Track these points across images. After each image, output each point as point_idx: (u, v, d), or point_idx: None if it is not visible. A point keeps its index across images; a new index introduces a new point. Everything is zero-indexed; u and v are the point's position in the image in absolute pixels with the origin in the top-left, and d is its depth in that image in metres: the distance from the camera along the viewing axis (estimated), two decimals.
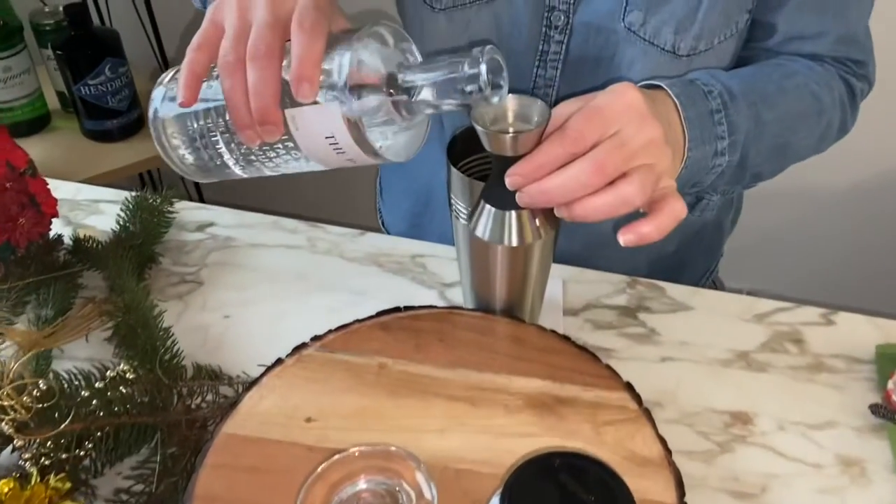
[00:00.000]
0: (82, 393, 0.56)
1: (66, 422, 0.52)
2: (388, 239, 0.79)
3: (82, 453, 0.53)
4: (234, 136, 0.49)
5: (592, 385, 0.57)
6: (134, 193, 0.78)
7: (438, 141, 0.80)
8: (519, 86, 0.72)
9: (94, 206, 0.83)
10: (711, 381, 0.63)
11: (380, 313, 0.63)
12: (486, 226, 0.54)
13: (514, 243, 0.54)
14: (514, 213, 0.52)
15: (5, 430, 0.51)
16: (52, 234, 0.73)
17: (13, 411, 0.52)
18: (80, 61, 1.17)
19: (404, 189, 0.90)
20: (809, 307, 0.69)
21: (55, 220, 0.72)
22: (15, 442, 0.51)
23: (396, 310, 0.63)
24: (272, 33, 0.44)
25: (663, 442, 0.52)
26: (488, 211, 0.53)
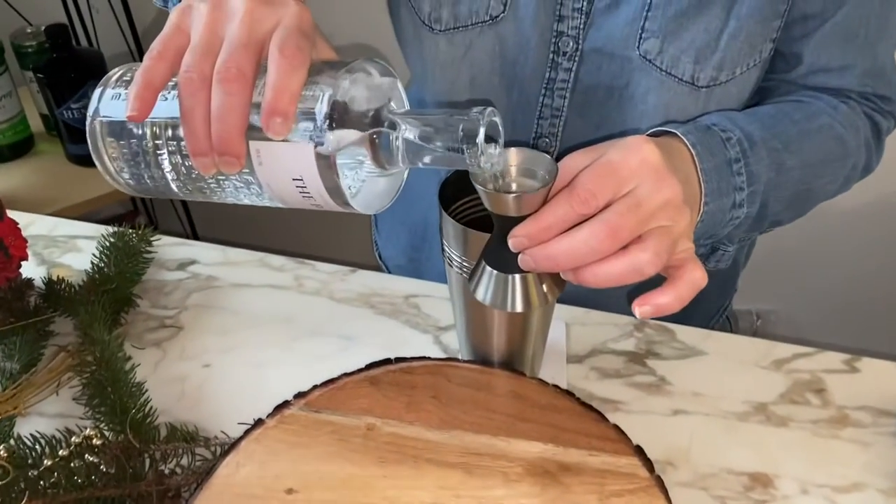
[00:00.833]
0: (45, 462, 0.51)
1: (23, 500, 0.47)
2: (380, 277, 0.75)
3: None
4: (185, 157, 0.43)
5: (599, 449, 0.52)
6: (112, 230, 0.74)
7: (435, 172, 0.76)
8: (524, 115, 0.67)
9: (70, 242, 0.79)
10: (727, 437, 0.58)
11: (369, 366, 0.59)
12: (487, 289, 0.47)
13: (519, 309, 0.48)
14: (518, 276, 0.46)
15: None
16: (22, 277, 0.69)
17: None
18: (62, 84, 1.12)
19: (401, 220, 0.85)
20: (831, 352, 0.65)
21: (29, 258, 0.68)
22: None
23: (387, 361, 0.59)
24: (246, 54, 0.39)
25: None
26: (489, 273, 0.47)
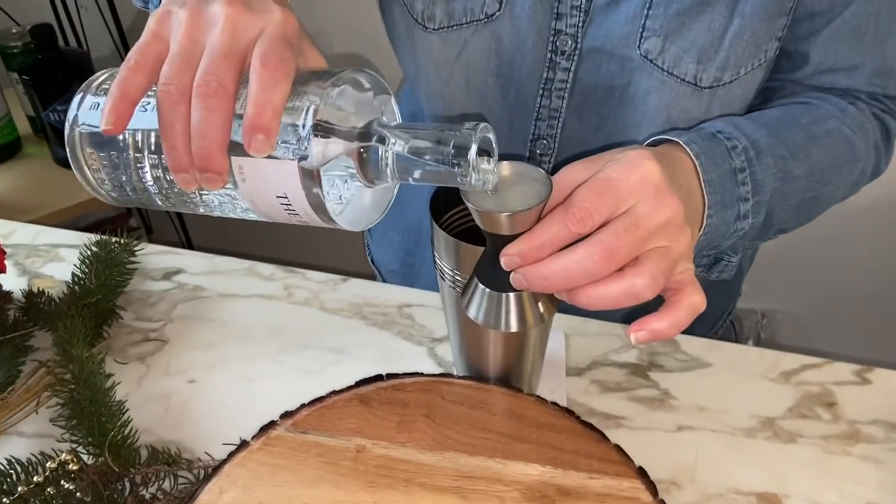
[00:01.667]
0: (19, 489, 0.49)
1: None
2: (372, 286, 0.72)
3: None
4: (167, 171, 0.40)
5: (600, 471, 0.49)
6: (95, 238, 0.72)
7: None
8: (521, 116, 0.65)
9: (53, 251, 0.77)
10: (734, 454, 0.56)
11: (359, 383, 0.56)
12: (479, 308, 0.45)
13: (514, 329, 0.45)
14: (512, 295, 0.44)
15: None
16: (2, 289, 0.67)
17: None
18: (48, 86, 1.10)
19: (394, 225, 0.83)
20: (841, 363, 0.62)
21: (10, 269, 0.65)
22: None
23: (378, 378, 0.56)
24: (227, 65, 0.36)
25: None
26: (482, 292, 0.44)
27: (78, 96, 0.43)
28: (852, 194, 0.62)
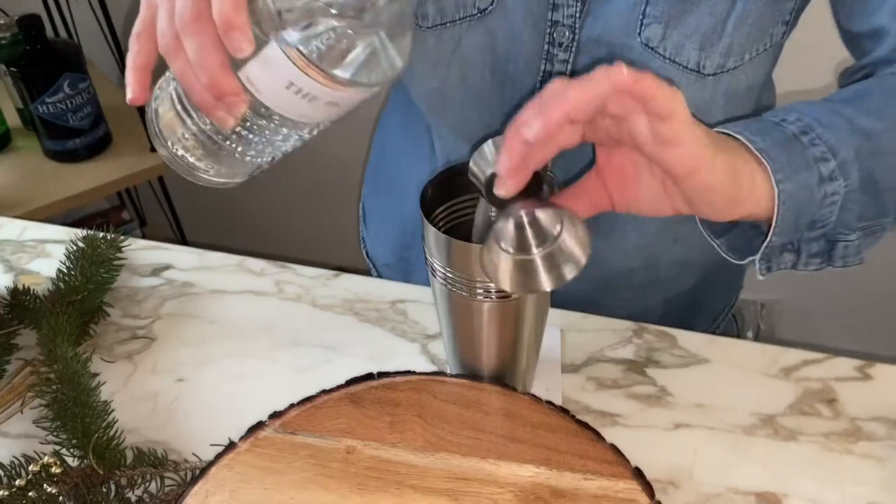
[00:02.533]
0: (1, 493, 0.48)
1: None
2: (365, 281, 0.71)
3: None
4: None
5: (595, 472, 0.48)
6: (81, 234, 0.70)
7: (428, 163, 0.72)
8: (518, 111, 0.63)
9: (40, 247, 0.75)
10: (733, 452, 0.55)
11: (350, 382, 0.55)
12: (507, 274, 0.42)
13: (547, 288, 0.42)
14: (537, 258, 0.41)
15: None
16: None
17: None
18: (37, 78, 1.08)
19: (389, 217, 0.81)
20: (842, 358, 0.61)
21: None
22: None
23: (369, 377, 0.55)
24: None
25: None
26: (506, 258, 0.42)
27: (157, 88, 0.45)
28: None
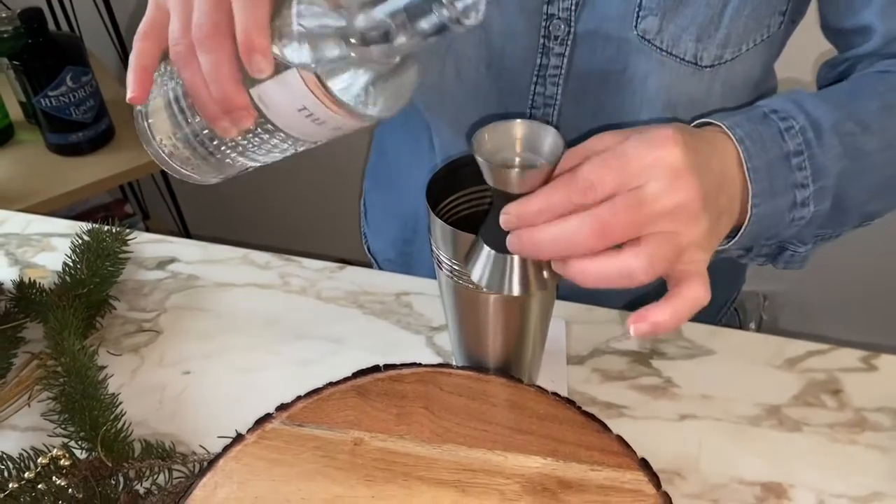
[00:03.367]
0: (10, 485, 0.48)
1: None
2: (370, 274, 0.71)
3: None
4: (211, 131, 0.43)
5: (602, 463, 0.49)
6: (86, 228, 0.70)
7: (428, 159, 0.72)
8: (515, 105, 0.63)
9: (45, 240, 0.75)
10: (738, 443, 0.55)
11: (356, 374, 0.55)
12: (482, 270, 0.44)
13: (516, 292, 0.44)
14: (517, 257, 0.43)
15: None
16: None
17: None
18: (38, 71, 1.08)
19: (391, 212, 0.81)
20: (847, 349, 0.61)
21: (0, 259, 0.64)
22: None
23: (375, 369, 0.55)
24: (215, 6, 0.38)
25: None
26: (486, 253, 0.44)
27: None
28: None
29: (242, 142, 0.43)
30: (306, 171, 1.51)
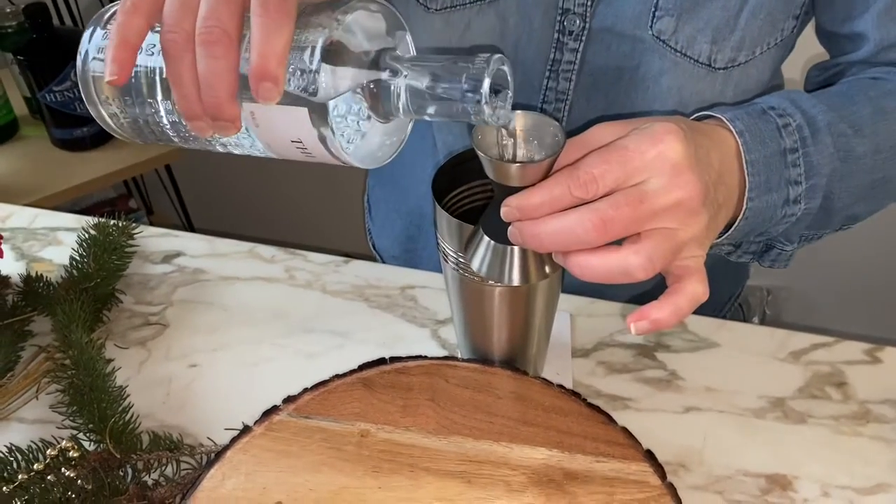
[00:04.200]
0: (20, 476, 0.48)
1: None
2: (375, 267, 0.71)
3: None
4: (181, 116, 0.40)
5: (607, 455, 0.49)
6: (93, 222, 0.71)
7: (432, 157, 0.72)
8: (527, 99, 0.63)
9: (51, 234, 0.76)
10: (743, 435, 0.55)
11: (362, 366, 0.55)
12: (483, 260, 0.45)
13: (516, 282, 0.45)
14: (516, 248, 0.43)
15: None
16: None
17: None
18: (43, 66, 1.08)
19: (396, 209, 0.81)
20: (852, 342, 0.61)
21: (7, 253, 0.64)
22: None
23: (381, 361, 0.56)
24: (228, 10, 0.35)
25: None
26: (487, 243, 0.44)
27: (89, 29, 0.41)
28: None
29: (207, 137, 0.40)
30: (310, 165, 1.51)
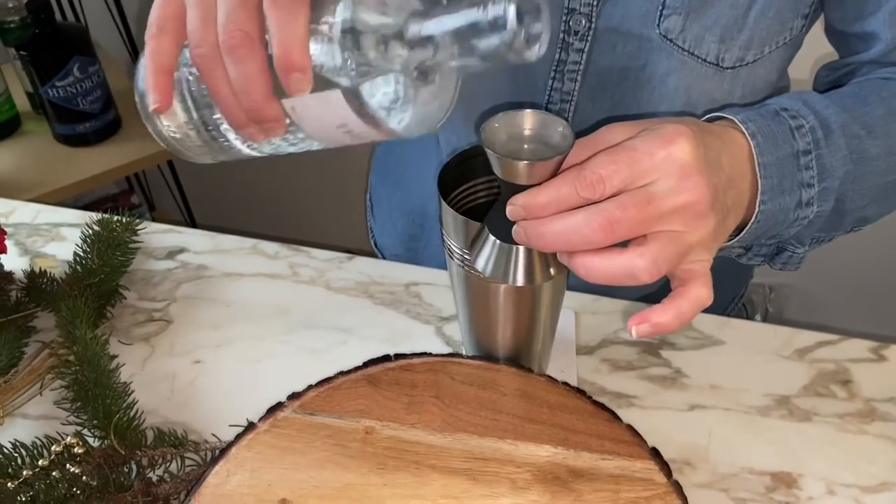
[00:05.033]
0: (24, 473, 0.48)
1: None
2: (379, 264, 0.71)
3: None
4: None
5: (612, 452, 0.49)
6: (96, 217, 0.70)
7: (435, 155, 0.71)
8: (532, 100, 0.62)
9: (54, 230, 0.75)
10: (748, 433, 0.55)
11: (367, 363, 0.55)
12: (487, 260, 0.45)
13: (520, 282, 0.45)
14: (521, 248, 0.43)
15: None
16: (3, 270, 0.66)
17: None
18: (46, 62, 1.08)
19: (397, 206, 0.81)
20: (857, 340, 0.61)
21: (11, 248, 0.64)
22: None
23: (386, 358, 0.56)
24: (245, 12, 0.35)
25: None
26: (492, 243, 0.44)
27: (141, 61, 0.41)
28: None
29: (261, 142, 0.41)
30: (312, 161, 1.51)
